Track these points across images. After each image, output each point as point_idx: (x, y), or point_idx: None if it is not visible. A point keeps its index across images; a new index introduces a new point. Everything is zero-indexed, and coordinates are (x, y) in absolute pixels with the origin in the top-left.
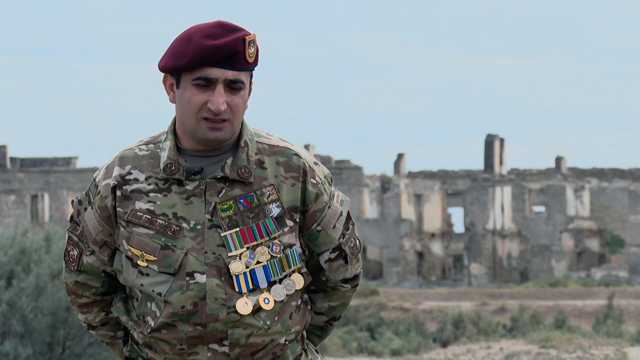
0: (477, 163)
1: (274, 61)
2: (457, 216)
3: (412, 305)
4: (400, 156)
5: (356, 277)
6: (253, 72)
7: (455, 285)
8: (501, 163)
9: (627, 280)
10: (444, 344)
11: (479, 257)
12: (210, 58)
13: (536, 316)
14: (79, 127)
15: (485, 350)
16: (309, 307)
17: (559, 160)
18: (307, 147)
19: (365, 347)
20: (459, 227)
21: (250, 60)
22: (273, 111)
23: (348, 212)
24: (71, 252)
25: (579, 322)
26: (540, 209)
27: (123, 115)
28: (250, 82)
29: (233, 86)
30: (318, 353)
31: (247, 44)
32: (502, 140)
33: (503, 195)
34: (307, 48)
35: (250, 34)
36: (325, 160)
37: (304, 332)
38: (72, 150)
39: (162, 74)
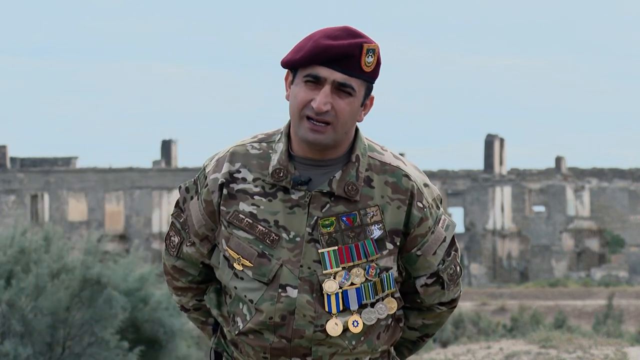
0: (477, 163)
1: (274, 61)
2: (457, 216)
3: None
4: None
5: (454, 300)
6: (372, 86)
7: None
8: (501, 163)
9: (627, 280)
10: (444, 344)
11: (479, 257)
12: (322, 56)
13: (536, 316)
14: (79, 127)
15: (485, 350)
16: (401, 325)
17: (559, 160)
18: None
19: None
20: (459, 227)
21: (367, 69)
22: (273, 111)
23: (453, 237)
24: (172, 238)
25: (579, 322)
26: (540, 209)
27: (123, 115)
28: (368, 96)
29: (342, 89)
30: None
31: (364, 50)
32: (502, 140)
33: (503, 195)
34: None
35: (372, 43)
36: None
37: (391, 348)
38: (72, 150)
39: (285, 72)
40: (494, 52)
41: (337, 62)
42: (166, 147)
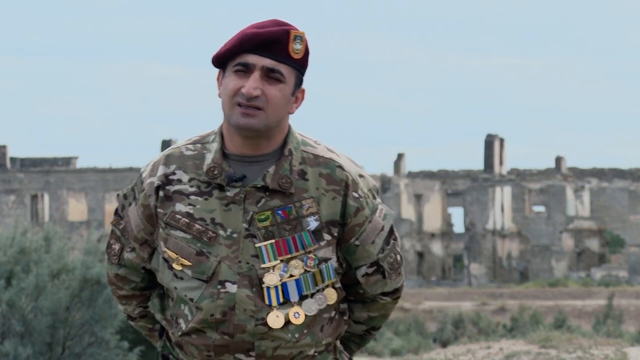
0: (477, 163)
1: None
2: (457, 216)
3: (412, 305)
4: (400, 156)
5: (397, 290)
6: (302, 78)
7: (455, 285)
8: (501, 163)
9: (627, 280)
10: (444, 344)
11: (479, 257)
12: (249, 43)
13: (536, 316)
14: (79, 127)
15: (485, 350)
16: (345, 317)
17: (559, 160)
18: None
19: (366, 347)
20: (459, 227)
21: (295, 55)
22: None
23: (391, 227)
24: (113, 246)
25: (579, 322)
26: (540, 209)
27: (123, 115)
28: (299, 87)
29: (271, 75)
30: None
31: (291, 37)
32: (502, 140)
33: (503, 195)
34: None
35: (299, 31)
36: None
37: (337, 342)
38: (72, 150)
39: (218, 72)
40: (494, 52)
41: (265, 47)
42: (166, 147)
